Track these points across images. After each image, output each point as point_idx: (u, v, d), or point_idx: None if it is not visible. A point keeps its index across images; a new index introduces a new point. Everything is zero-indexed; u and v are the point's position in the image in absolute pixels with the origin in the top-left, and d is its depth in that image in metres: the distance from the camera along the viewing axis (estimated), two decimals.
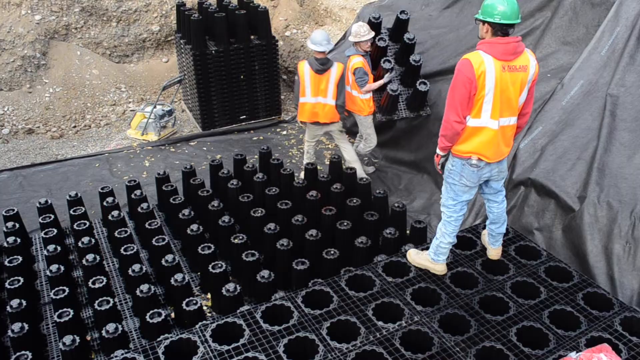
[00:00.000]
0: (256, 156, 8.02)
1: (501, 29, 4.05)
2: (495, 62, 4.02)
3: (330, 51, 8.51)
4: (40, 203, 6.26)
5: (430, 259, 4.85)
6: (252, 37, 9.66)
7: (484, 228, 5.23)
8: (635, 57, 5.89)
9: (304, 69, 6.75)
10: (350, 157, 7.30)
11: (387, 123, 8.34)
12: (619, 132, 5.55)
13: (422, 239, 5.74)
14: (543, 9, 7.24)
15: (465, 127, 4.22)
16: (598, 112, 5.80)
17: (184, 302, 4.70)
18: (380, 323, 4.26)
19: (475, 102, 4.12)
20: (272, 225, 5.70)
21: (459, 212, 4.61)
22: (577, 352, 3.72)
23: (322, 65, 6.65)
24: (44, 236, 5.77)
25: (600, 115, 5.75)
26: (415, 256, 5.00)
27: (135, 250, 5.45)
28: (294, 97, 7.14)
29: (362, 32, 6.92)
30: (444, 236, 4.70)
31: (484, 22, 4.13)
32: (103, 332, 4.39)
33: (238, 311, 4.40)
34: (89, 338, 4.88)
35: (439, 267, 4.85)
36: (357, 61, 6.92)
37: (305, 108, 6.90)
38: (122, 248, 5.46)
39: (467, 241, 5.31)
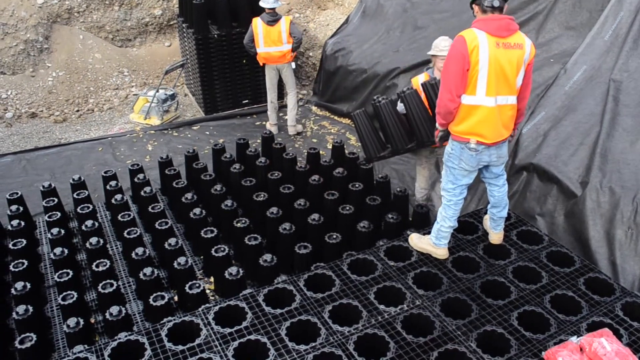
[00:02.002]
0: (259, 140, 8.02)
1: (490, 7, 4.16)
2: (489, 37, 4.08)
3: (332, 36, 8.52)
4: (43, 186, 6.28)
5: (432, 243, 4.87)
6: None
7: (485, 213, 5.24)
8: (638, 42, 5.85)
9: (257, 23, 8.27)
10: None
11: None
12: (622, 117, 5.53)
13: (424, 224, 5.75)
14: None
15: (459, 106, 4.24)
16: (601, 98, 5.78)
17: (187, 286, 4.73)
18: (382, 307, 4.29)
19: (470, 78, 4.15)
20: (274, 210, 5.72)
21: (459, 196, 4.62)
22: (578, 337, 3.75)
23: (272, 17, 8.21)
24: (48, 219, 5.80)
25: (603, 101, 5.73)
26: (417, 240, 5.02)
27: (138, 233, 5.47)
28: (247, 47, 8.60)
29: (442, 46, 5.38)
30: (445, 220, 4.71)
31: (472, 4, 4.30)
32: (107, 314, 4.43)
33: (241, 294, 4.43)
34: (93, 321, 4.92)
35: (441, 252, 4.86)
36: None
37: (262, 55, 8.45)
38: (126, 231, 5.49)
39: (469, 226, 5.32)
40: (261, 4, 8.24)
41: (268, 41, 8.30)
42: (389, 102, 5.45)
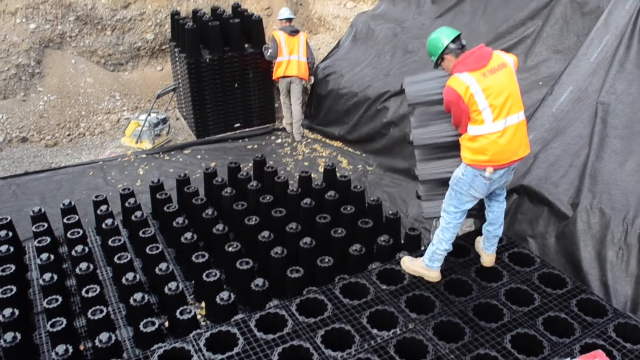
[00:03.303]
0: (250, 164, 8.03)
1: (458, 47, 4.34)
2: (474, 74, 4.18)
3: (323, 60, 8.67)
4: (33, 211, 6.24)
5: (425, 265, 4.86)
6: (246, 45, 9.69)
7: (479, 234, 5.25)
8: (625, 65, 5.93)
9: (279, 34, 9.07)
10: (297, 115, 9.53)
11: (380, 131, 8.39)
12: (610, 139, 5.58)
13: (416, 247, 5.75)
14: (534, 17, 7.30)
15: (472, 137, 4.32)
16: (589, 120, 5.84)
17: (178, 311, 4.69)
18: (374, 331, 4.26)
19: (475, 114, 4.23)
20: (266, 233, 5.70)
21: (459, 219, 4.64)
22: (571, 359, 3.74)
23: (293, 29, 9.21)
24: (38, 245, 5.75)
25: (591, 123, 5.79)
26: (409, 263, 5.01)
27: (129, 258, 5.43)
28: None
29: None
30: (441, 242, 4.71)
31: (442, 57, 4.42)
32: (96, 341, 4.37)
33: (232, 320, 4.40)
34: (82, 347, 4.85)
35: (433, 274, 4.85)
36: None
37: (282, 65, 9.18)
38: (116, 256, 5.44)
39: (461, 248, 5.32)
40: (282, 15, 9.45)
41: (289, 50, 9.17)
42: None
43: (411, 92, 4.95)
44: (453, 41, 4.35)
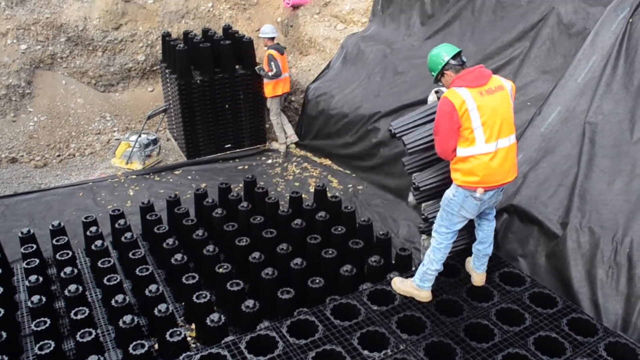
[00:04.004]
0: (241, 185, 8.02)
1: (458, 63, 4.39)
2: (471, 90, 4.21)
3: (314, 81, 8.80)
4: (22, 233, 6.19)
5: (416, 285, 4.85)
6: (237, 67, 9.74)
7: (469, 254, 5.26)
8: (611, 85, 6.02)
9: (276, 53, 9.29)
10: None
11: (371, 151, 8.43)
12: (598, 158, 5.64)
13: (407, 267, 5.74)
14: (522, 39, 7.40)
15: (462, 158, 4.33)
16: (577, 140, 5.90)
17: (168, 333, 4.65)
18: (365, 352, 4.24)
19: (468, 133, 4.24)
20: (257, 254, 5.68)
21: (450, 240, 4.66)
22: None
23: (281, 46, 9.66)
24: (26, 266, 5.70)
25: (580, 143, 5.85)
26: (400, 284, 5.00)
27: (118, 280, 5.39)
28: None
29: None
30: (432, 263, 4.71)
31: (442, 72, 4.47)
32: None
33: (222, 342, 4.36)
34: None
35: (424, 294, 4.85)
36: None
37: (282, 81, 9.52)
38: (105, 278, 5.40)
39: (451, 268, 5.32)
40: (267, 33, 9.53)
41: (283, 67, 9.49)
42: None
43: (408, 138, 4.85)
44: (454, 58, 4.40)
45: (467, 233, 5.16)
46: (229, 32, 10.28)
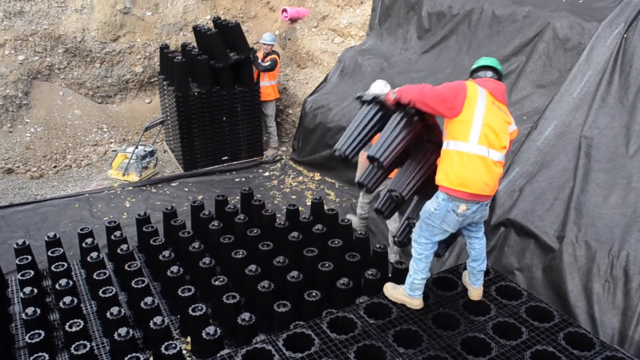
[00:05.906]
0: (238, 197, 8.01)
1: (482, 75, 4.53)
2: (487, 94, 4.32)
3: (311, 94, 8.86)
4: (17, 244, 6.16)
5: (407, 293, 4.86)
6: (235, 85, 9.76)
7: (464, 269, 5.26)
8: (607, 100, 6.06)
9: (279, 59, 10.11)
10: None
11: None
12: (594, 172, 5.66)
13: (403, 280, 5.71)
14: (518, 53, 7.47)
15: (450, 152, 4.30)
16: (573, 154, 5.93)
17: (163, 346, 4.62)
18: None
19: (464, 126, 4.24)
20: (253, 267, 5.67)
21: (430, 250, 4.65)
22: None
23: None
24: (21, 278, 5.66)
25: (576, 157, 5.88)
26: (392, 291, 5.01)
27: (113, 292, 5.36)
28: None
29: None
30: (417, 273, 4.71)
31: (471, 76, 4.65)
32: None
33: (218, 355, 4.34)
34: None
35: (416, 302, 4.86)
36: None
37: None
38: (101, 290, 5.38)
39: (448, 282, 5.32)
40: (269, 40, 10.09)
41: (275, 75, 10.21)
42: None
43: (376, 152, 4.48)
44: (484, 69, 4.56)
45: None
46: (218, 22, 10.01)
